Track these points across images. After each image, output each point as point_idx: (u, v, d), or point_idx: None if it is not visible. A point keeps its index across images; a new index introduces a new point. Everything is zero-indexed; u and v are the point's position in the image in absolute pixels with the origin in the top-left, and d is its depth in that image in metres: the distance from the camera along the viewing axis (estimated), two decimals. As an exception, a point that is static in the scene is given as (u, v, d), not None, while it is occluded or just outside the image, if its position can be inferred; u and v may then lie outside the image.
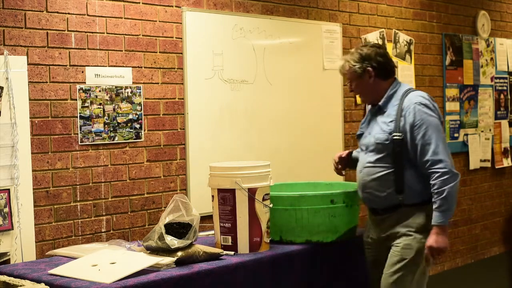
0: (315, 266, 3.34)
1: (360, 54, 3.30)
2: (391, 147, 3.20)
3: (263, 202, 3.18)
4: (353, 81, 3.34)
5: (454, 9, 6.29)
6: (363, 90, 3.35)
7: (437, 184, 3.10)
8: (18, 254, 3.35)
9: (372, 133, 3.30)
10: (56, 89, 3.56)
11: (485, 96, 6.63)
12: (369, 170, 3.27)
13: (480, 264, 6.55)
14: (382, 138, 3.23)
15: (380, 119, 3.29)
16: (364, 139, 3.37)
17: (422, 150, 3.14)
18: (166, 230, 2.92)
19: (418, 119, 3.17)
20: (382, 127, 3.25)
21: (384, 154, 3.22)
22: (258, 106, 4.50)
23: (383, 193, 3.23)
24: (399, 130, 3.19)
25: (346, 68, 3.34)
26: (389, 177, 3.22)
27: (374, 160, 3.26)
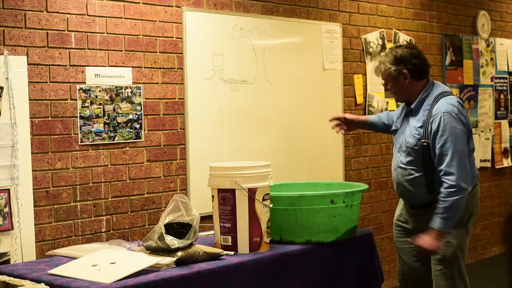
0: (315, 266, 3.34)
1: (395, 56, 3.42)
2: (420, 151, 3.38)
3: (263, 202, 3.18)
4: (388, 82, 3.48)
5: (454, 9, 6.29)
6: (398, 91, 3.49)
7: (444, 193, 3.26)
8: (18, 254, 3.35)
9: (405, 134, 3.48)
10: (56, 89, 3.56)
11: (485, 96, 6.63)
12: (402, 171, 3.48)
13: (480, 264, 6.55)
14: (412, 143, 3.41)
15: (412, 121, 3.46)
16: (398, 137, 3.55)
17: (439, 159, 3.31)
18: (166, 230, 2.92)
19: (441, 129, 3.30)
20: (412, 132, 3.42)
21: (414, 156, 3.41)
22: (258, 106, 4.50)
23: (417, 192, 3.44)
24: (426, 136, 3.36)
25: (381, 69, 3.49)
26: (421, 179, 3.41)
27: (406, 162, 3.45)
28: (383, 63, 3.47)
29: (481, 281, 5.94)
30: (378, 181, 5.47)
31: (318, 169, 4.67)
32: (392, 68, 3.42)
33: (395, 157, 3.57)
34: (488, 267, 6.46)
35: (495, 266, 6.46)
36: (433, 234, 3.28)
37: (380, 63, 3.51)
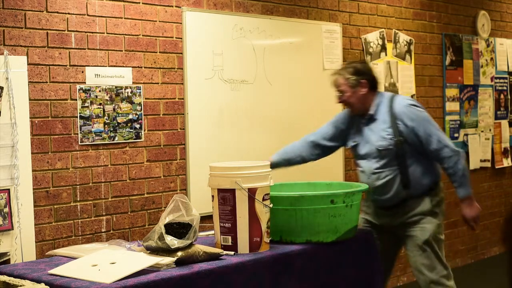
0: (315, 266, 3.33)
1: (355, 68, 3.70)
2: (394, 150, 3.62)
3: (263, 202, 3.18)
4: (347, 91, 3.68)
5: (454, 9, 6.29)
6: (355, 101, 3.69)
7: (450, 167, 3.61)
8: (18, 254, 3.35)
9: (371, 142, 3.68)
10: (56, 89, 3.56)
11: (485, 96, 6.64)
12: (377, 175, 3.68)
13: (480, 264, 6.55)
14: (385, 145, 3.63)
15: (375, 127, 3.68)
16: (362, 148, 3.74)
17: (427, 142, 3.60)
18: (166, 230, 2.92)
19: (414, 118, 3.61)
20: (381, 135, 3.64)
21: (388, 158, 3.64)
22: (258, 106, 4.49)
23: (393, 192, 3.67)
24: (398, 134, 3.60)
25: (340, 80, 3.70)
26: (396, 178, 3.66)
27: (381, 166, 3.66)
28: (342, 74, 3.70)
29: (481, 281, 5.94)
30: (378, 181, 5.47)
31: (318, 169, 4.66)
32: (353, 78, 3.67)
33: (365, 166, 3.74)
34: (488, 267, 6.46)
35: (495, 266, 6.46)
36: (466, 202, 3.68)
37: (338, 75, 3.72)
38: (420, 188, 3.67)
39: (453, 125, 6.24)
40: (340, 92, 3.72)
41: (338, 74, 3.74)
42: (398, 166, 3.64)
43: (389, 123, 3.63)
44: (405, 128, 3.60)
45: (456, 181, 3.65)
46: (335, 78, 3.74)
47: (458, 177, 3.63)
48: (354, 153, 3.83)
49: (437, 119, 6.07)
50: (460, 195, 3.69)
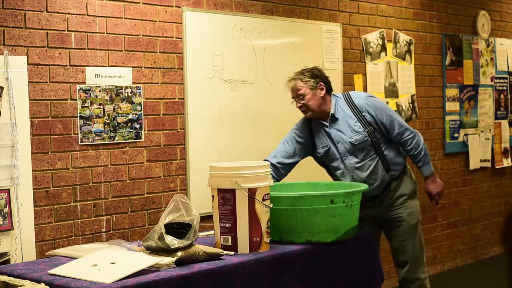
0: (315, 266, 3.33)
1: (312, 72, 3.80)
2: (369, 141, 3.78)
3: (263, 202, 3.18)
4: (306, 94, 3.74)
5: (454, 9, 6.29)
6: (314, 103, 3.76)
7: (414, 147, 3.84)
8: (18, 254, 3.35)
9: (344, 139, 3.79)
10: (56, 89, 3.56)
11: (485, 96, 6.64)
12: (361, 168, 3.82)
13: (480, 264, 6.55)
14: (360, 138, 3.78)
15: (342, 125, 3.79)
16: (336, 149, 3.83)
17: (391, 128, 3.81)
18: (166, 230, 2.92)
19: (376, 107, 3.82)
20: (354, 129, 3.78)
21: (365, 150, 3.80)
22: (258, 106, 4.49)
23: (378, 179, 3.83)
24: (367, 124, 3.78)
25: (298, 84, 3.76)
26: (378, 164, 3.83)
27: (361, 158, 3.80)
28: (299, 78, 3.77)
29: (481, 281, 5.95)
30: (378, 181, 5.47)
31: (318, 169, 4.66)
32: (312, 81, 3.75)
33: (343, 167, 3.83)
34: (488, 267, 6.46)
35: (495, 266, 6.46)
36: (430, 179, 3.95)
37: (296, 79, 3.77)
38: (398, 168, 3.87)
39: (453, 125, 6.24)
40: (300, 96, 3.77)
41: (296, 78, 3.79)
42: (376, 153, 3.81)
43: (355, 117, 3.78)
44: (371, 118, 3.78)
45: (420, 161, 3.87)
46: (294, 83, 3.79)
47: (422, 156, 3.86)
48: (326, 158, 3.87)
49: (437, 119, 6.08)
50: (425, 173, 3.92)
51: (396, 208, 3.90)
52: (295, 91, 3.80)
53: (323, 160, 3.92)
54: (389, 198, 3.89)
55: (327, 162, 3.91)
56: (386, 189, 3.88)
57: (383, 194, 3.88)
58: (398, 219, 3.90)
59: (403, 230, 3.90)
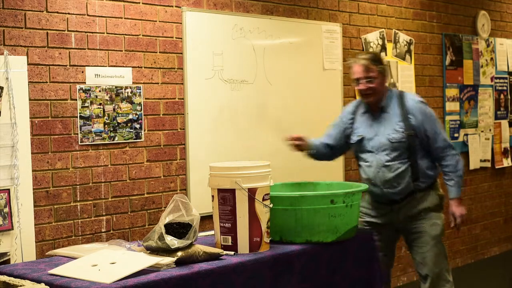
0: (315, 266, 3.33)
1: (378, 57, 3.77)
2: (406, 143, 3.69)
3: (263, 202, 3.18)
4: (376, 78, 3.68)
5: (454, 9, 6.29)
6: (379, 89, 3.70)
7: (452, 165, 3.75)
8: (18, 254, 3.35)
9: (382, 134, 3.73)
10: (56, 89, 3.56)
11: (485, 96, 6.63)
12: (389, 168, 3.73)
13: (480, 264, 6.55)
14: (398, 137, 3.70)
15: (387, 120, 3.74)
16: (371, 142, 3.77)
17: (434, 139, 3.72)
18: (166, 230, 2.92)
19: (425, 115, 3.72)
20: (395, 127, 3.71)
21: (400, 151, 3.70)
22: (258, 106, 4.49)
23: (403, 184, 3.73)
24: (410, 127, 3.68)
25: (369, 66, 3.67)
26: (407, 170, 3.72)
27: (392, 158, 3.72)
28: (371, 60, 3.68)
29: (481, 281, 5.94)
30: (378, 181, 5.47)
31: (318, 169, 4.66)
32: (381, 66, 3.71)
33: (373, 160, 3.77)
34: (488, 267, 6.46)
35: (495, 266, 6.46)
36: (457, 202, 3.81)
37: (368, 60, 3.68)
38: (426, 181, 3.77)
39: (453, 125, 6.24)
40: (369, 78, 3.68)
41: (367, 59, 3.70)
42: (409, 158, 3.71)
43: (400, 116, 3.71)
44: (416, 122, 3.69)
45: (452, 180, 3.77)
46: (365, 63, 3.68)
47: (456, 176, 3.77)
48: (358, 147, 3.84)
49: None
50: (453, 194, 3.81)
51: (418, 220, 3.81)
52: (366, 71, 3.68)
53: (354, 149, 3.89)
54: (411, 208, 3.79)
55: (358, 152, 3.87)
56: (407, 197, 3.78)
57: (404, 201, 3.79)
58: (419, 229, 3.82)
59: (424, 241, 3.81)
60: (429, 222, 3.79)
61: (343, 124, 3.91)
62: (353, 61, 3.77)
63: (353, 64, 3.75)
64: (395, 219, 3.83)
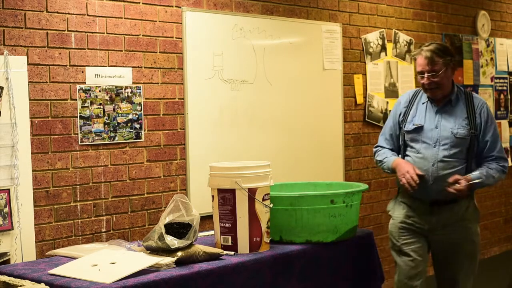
0: (315, 266, 3.33)
1: (446, 48, 3.54)
2: (468, 142, 3.50)
3: (263, 202, 3.18)
4: (441, 72, 3.46)
5: (454, 9, 6.29)
6: (445, 83, 3.51)
7: (498, 169, 3.51)
8: (18, 254, 3.35)
9: (445, 128, 3.51)
10: (56, 89, 3.56)
11: (485, 96, 6.63)
12: (444, 165, 3.50)
13: (480, 264, 6.52)
14: (464, 134, 3.50)
15: (453, 113, 3.53)
16: (429, 133, 3.54)
17: (492, 146, 3.53)
18: (166, 230, 2.92)
19: (489, 118, 3.56)
20: (460, 123, 3.51)
21: (460, 148, 3.50)
22: (258, 106, 4.50)
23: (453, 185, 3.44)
24: (473, 127, 3.50)
25: (435, 59, 3.45)
26: (463, 171, 3.49)
27: (451, 154, 3.50)
28: (436, 52, 3.46)
29: (481, 281, 5.93)
30: (378, 181, 5.47)
31: (318, 169, 4.67)
32: (448, 58, 3.48)
33: (428, 153, 3.53)
34: (488, 267, 6.45)
35: (495, 266, 6.46)
36: (469, 184, 3.43)
37: (432, 52, 3.46)
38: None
39: (453, 125, 6.24)
40: (433, 72, 3.47)
41: (432, 51, 3.47)
42: (466, 159, 3.51)
43: (466, 113, 3.53)
44: (480, 123, 3.53)
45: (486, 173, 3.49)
46: (430, 55, 3.46)
47: (490, 177, 3.50)
48: (413, 137, 3.59)
49: (437, 119, 6.07)
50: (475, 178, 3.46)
51: (456, 229, 3.55)
52: (430, 64, 3.47)
53: (408, 137, 3.61)
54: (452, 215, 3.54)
55: (409, 141, 3.60)
56: (451, 203, 3.53)
57: (447, 206, 3.53)
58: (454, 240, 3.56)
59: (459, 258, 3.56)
60: (468, 238, 3.57)
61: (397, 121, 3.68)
62: (417, 52, 3.54)
63: (417, 56, 3.54)
64: (432, 223, 3.58)
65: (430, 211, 3.58)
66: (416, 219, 3.64)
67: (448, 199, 3.51)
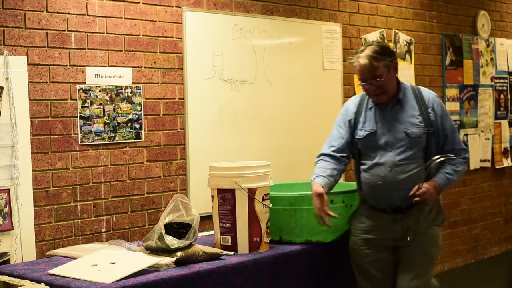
0: (315, 266, 3.34)
1: (383, 48, 3.26)
2: (424, 141, 3.26)
3: (262, 202, 3.18)
4: (382, 76, 3.19)
5: (454, 9, 6.29)
6: (388, 87, 3.25)
7: (460, 161, 3.32)
8: (18, 254, 3.35)
9: (398, 129, 3.26)
10: (56, 89, 3.56)
11: (485, 96, 6.63)
12: (403, 168, 3.24)
13: (480, 264, 6.55)
14: (419, 133, 3.26)
15: (403, 113, 3.28)
16: (383, 137, 3.28)
17: (451, 139, 3.32)
18: (166, 230, 2.92)
19: (443, 111, 3.33)
20: (414, 121, 3.27)
21: (417, 149, 3.26)
22: (258, 106, 4.50)
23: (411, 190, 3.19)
24: (428, 123, 3.27)
25: (373, 64, 3.18)
26: (422, 172, 3.25)
27: (408, 156, 3.25)
28: (374, 57, 3.18)
29: (481, 281, 5.94)
30: (378, 181, 5.47)
31: (318, 169, 4.67)
32: (388, 59, 3.21)
33: (384, 159, 3.26)
34: (488, 267, 6.46)
35: (495, 266, 6.46)
36: (436, 189, 3.24)
37: (370, 57, 3.18)
38: None
39: (453, 125, 6.24)
40: (376, 78, 3.19)
41: (370, 56, 3.19)
42: (424, 159, 3.25)
43: (418, 110, 3.28)
44: (435, 118, 3.28)
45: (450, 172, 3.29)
46: (369, 61, 3.18)
47: (456, 172, 3.31)
48: (366, 144, 3.32)
49: (437, 119, 6.07)
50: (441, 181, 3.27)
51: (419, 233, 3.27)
52: (371, 71, 3.18)
53: (361, 145, 3.34)
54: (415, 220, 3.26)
55: (363, 149, 3.33)
56: (412, 208, 3.26)
57: (410, 211, 3.26)
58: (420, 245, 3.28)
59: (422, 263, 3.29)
60: (431, 240, 3.32)
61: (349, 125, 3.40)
62: (354, 59, 3.26)
63: (354, 64, 3.26)
64: (396, 231, 3.29)
65: (393, 219, 3.28)
66: (378, 231, 3.31)
67: (409, 204, 3.24)
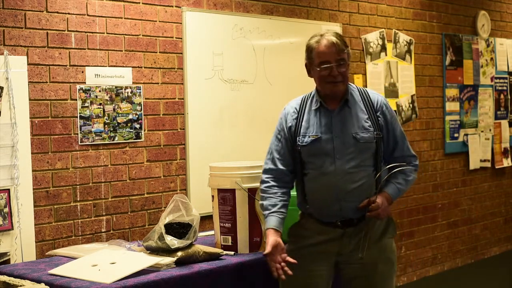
0: (315, 266, 3.33)
1: (343, 38, 2.97)
2: (374, 146, 2.93)
3: (263, 202, 3.18)
4: (346, 62, 2.92)
5: (454, 9, 6.29)
6: (347, 77, 2.97)
7: (412, 175, 3.01)
8: (18, 254, 3.35)
9: (346, 134, 2.92)
10: (56, 89, 3.56)
11: (485, 96, 6.64)
12: (352, 176, 2.89)
13: (480, 264, 6.55)
14: (369, 138, 2.92)
15: (351, 116, 2.94)
16: (329, 143, 2.92)
17: (401, 145, 3.01)
18: (166, 230, 2.92)
19: (392, 116, 3.01)
20: (363, 125, 2.93)
21: (367, 155, 2.92)
22: (258, 106, 4.50)
23: (366, 198, 2.90)
24: (377, 128, 2.94)
25: (341, 48, 2.89)
26: (372, 180, 2.93)
27: (357, 164, 2.90)
28: (340, 40, 2.89)
29: (481, 281, 5.94)
30: (378, 181, 5.47)
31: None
32: (349, 49, 2.94)
33: (331, 168, 2.90)
34: (488, 267, 6.46)
35: (495, 266, 6.46)
36: (389, 201, 2.94)
37: (337, 38, 2.89)
38: None
39: (453, 125, 6.24)
40: (341, 62, 2.89)
41: (336, 37, 2.89)
42: (374, 167, 2.93)
43: (367, 113, 2.95)
44: (384, 123, 2.97)
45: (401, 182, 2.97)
46: (336, 41, 2.87)
47: (406, 182, 2.99)
48: (310, 151, 2.94)
49: (437, 119, 6.08)
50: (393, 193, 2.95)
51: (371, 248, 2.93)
52: (338, 51, 2.88)
53: (305, 152, 2.95)
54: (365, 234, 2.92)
55: (306, 157, 2.95)
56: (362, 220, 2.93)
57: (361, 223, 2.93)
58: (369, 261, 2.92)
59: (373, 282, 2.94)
60: (381, 254, 2.97)
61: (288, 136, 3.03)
62: (317, 39, 2.91)
63: (319, 43, 2.90)
64: (344, 245, 2.94)
65: (342, 233, 2.93)
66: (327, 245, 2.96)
67: (361, 216, 2.92)
